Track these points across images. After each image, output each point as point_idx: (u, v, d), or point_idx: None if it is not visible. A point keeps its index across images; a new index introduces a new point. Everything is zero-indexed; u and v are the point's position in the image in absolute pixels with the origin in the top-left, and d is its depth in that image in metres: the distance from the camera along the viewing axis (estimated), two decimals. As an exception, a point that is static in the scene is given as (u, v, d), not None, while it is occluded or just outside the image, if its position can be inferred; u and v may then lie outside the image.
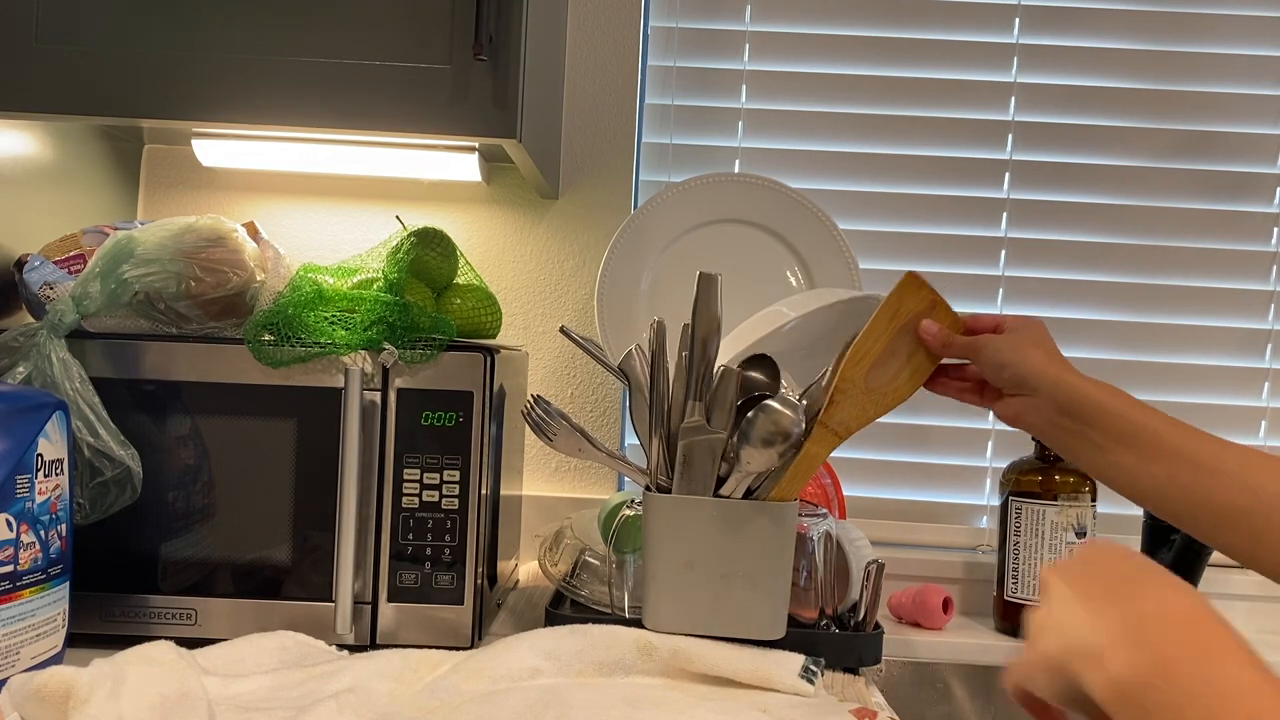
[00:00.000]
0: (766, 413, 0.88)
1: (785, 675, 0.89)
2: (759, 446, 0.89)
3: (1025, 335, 0.90)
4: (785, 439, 0.89)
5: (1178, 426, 0.84)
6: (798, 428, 0.89)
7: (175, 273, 0.99)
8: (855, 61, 1.48)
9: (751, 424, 0.89)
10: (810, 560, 1.02)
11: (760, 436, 0.89)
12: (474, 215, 1.45)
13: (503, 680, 0.86)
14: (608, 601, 1.05)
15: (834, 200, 1.46)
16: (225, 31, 1.02)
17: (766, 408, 0.88)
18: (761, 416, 0.89)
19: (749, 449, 0.90)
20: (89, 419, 0.94)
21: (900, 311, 0.92)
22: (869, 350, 0.92)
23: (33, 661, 0.83)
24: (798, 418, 0.89)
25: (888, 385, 0.93)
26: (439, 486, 0.99)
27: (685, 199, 1.29)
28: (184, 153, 1.42)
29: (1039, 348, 0.89)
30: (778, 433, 0.88)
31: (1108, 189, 1.47)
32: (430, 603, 0.99)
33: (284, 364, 0.98)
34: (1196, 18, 1.47)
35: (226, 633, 0.95)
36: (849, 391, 0.92)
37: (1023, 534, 1.28)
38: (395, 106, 1.02)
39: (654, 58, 1.49)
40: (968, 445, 1.47)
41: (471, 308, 1.12)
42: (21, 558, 0.81)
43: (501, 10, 1.02)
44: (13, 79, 1.01)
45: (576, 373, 1.45)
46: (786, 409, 0.88)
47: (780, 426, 0.88)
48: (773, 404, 0.89)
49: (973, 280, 1.47)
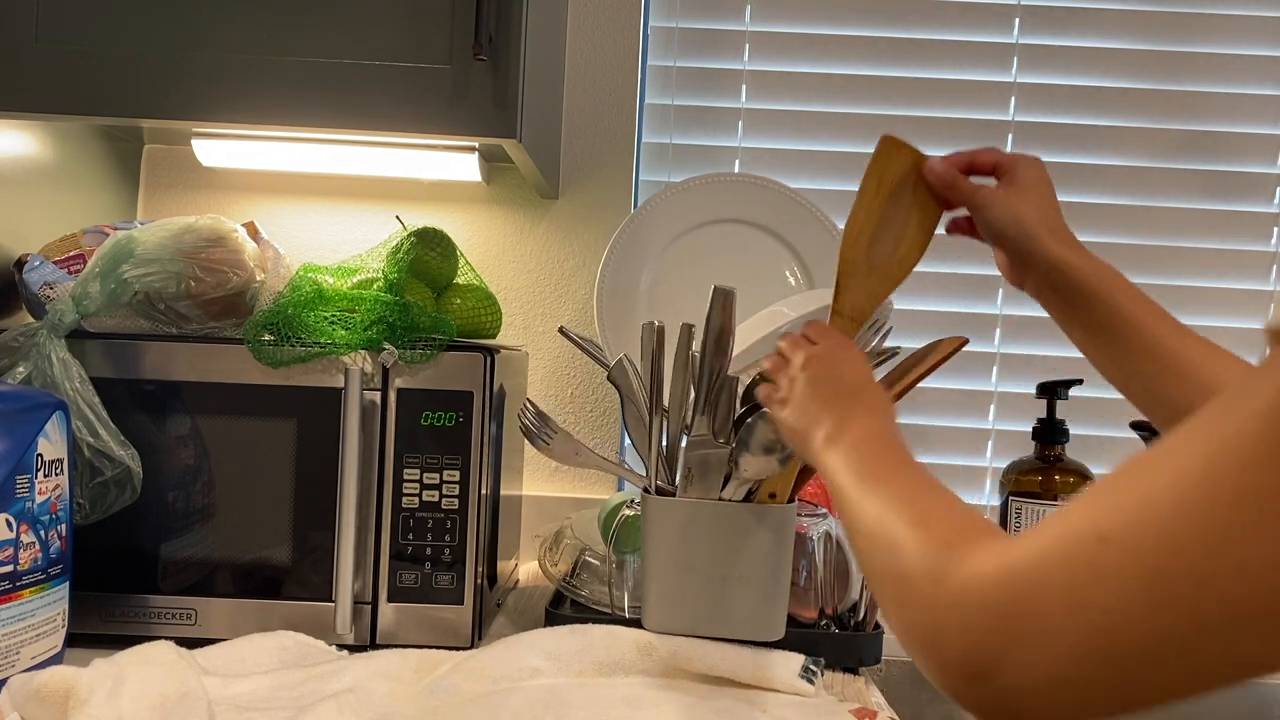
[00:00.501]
0: (766, 420, 0.89)
1: (785, 675, 0.89)
2: (758, 453, 0.90)
3: (1023, 195, 0.85)
4: (784, 446, 0.89)
5: (1162, 322, 0.81)
6: None
7: (175, 273, 0.99)
8: (855, 61, 1.48)
9: (750, 431, 0.89)
10: (810, 560, 1.02)
11: (760, 443, 0.89)
12: (474, 215, 1.45)
13: (503, 680, 0.86)
14: (608, 601, 1.05)
15: (834, 200, 1.45)
16: (225, 31, 1.02)
17: (766, 415, 0.88)
18: (760, 424, 0.89)
19: (748, 456, 0.90)
20: (89, 419, 0.94)
21: (885, 179, 0.87)
22: (863, 226, 0.87)
23: (33, 661, 0.83)
24: None
25: (892, 257, 0.88)
26: (439, 486, 0.99)
27: (685, 199, 1.29)
28: (184, 153, 1.42)
29: (1038, 210, 0.84)
30: (777, 440, 0.89)
31: (1107, 189, 1.47)
32: (430, 603, 0.99)
33: (284, 364, 0.98)
34: (1196, 18, 1.47)
35: (226, 633, 0.95)
36: (854, 274, 0.87)
37: (1022, 534, 1.28)
38: (395, 106, 1.02)
39: (654, 58, 1.49)
40: (968, 445, 1.47)
41: (471, 308, 1.12)
42: (21, 558, 0.81)
43: (501, 10, 1.02)
44: (13, 79, 1.01)
45: (576, 373, 1.45)
46: None
47: (779, 433, 0.88)
48: None
49: (973, 280, 1.47)
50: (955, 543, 0.48)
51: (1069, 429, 1.29)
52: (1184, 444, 0.41)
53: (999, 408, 1.47)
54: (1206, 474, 0.40)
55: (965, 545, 0.47)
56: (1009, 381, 1.46)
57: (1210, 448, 0.40)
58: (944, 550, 0.49)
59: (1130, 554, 0.41)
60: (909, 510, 0.55)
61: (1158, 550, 0.40)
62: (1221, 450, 0.40)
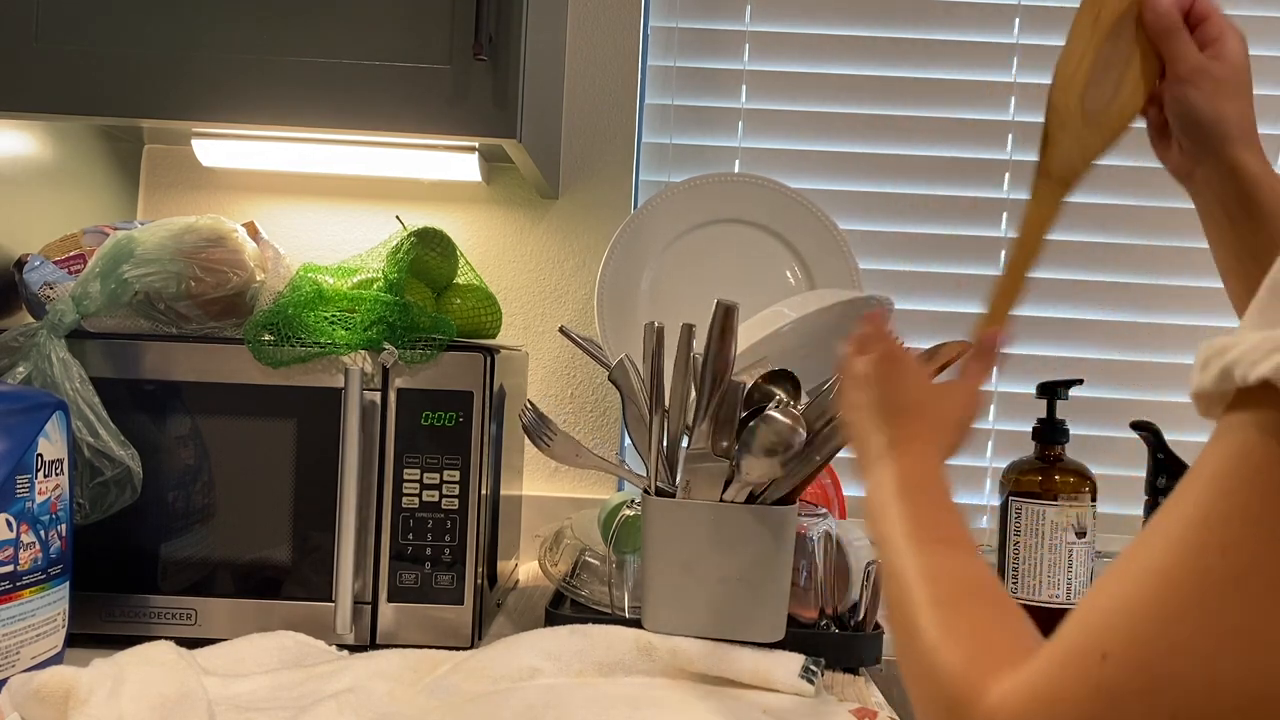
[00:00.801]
0: (768, 423, 0.88)
1: (785, 675, 0.89)
2: (760, 456, 0.89)
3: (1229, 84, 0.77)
4: (786, 449, 0.88)
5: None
6: (798, 437, 0.88)
7: (175, 273, 0.99)
8: (855, 61, 1.48)
9: (753, 434, 0.89)
10: (810, 560, 1.02)
11: (762, 446, 0.89)
12: (474, 215, 1.45)
13: (503, 680, 0.86)
14: (608, 602, 1.05)
15: (834, 200, 1.46)
16: (225, 31, 1.02)
17: (768, 418, 0.88)
18: (763, 427, 0.88)
19: (750, 458, 0.90)
20: (89, 419, 0.94)
21: (1104, 14, 0.77)
22: (1077, 69, 0.78)
23: (33, 661, 0.83)
24: (798, 427, 0.88)
25: (1111, 105, 0.78)
26: (439, 486, 0.99)
27: (685, 199, 1.29)
28: (184, 153, 1.42)
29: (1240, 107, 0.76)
30: (779, 443, 0.88)
31: (1107, 189, 1.47)
32: (430, 603, 0.98)
33: (284, 364, 0.98)
34: (1196, 18, 1.47)
35: (226, 633, 0.95)
36: (1066, 123, 0.79)
37: (1023, 534, 1.28)
38: (395, 106, 1.02)
39: (654, 58, 1.49)
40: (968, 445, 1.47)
41: (471, 308, 1.12)
42: (21, 558, 0.81)
43: (501, 10, 1.02)
44: (13, 79, 1.01)
45: (576, 373, 1.45)
46: (787, 419, 0.88)
47: (781, 437, 0.88)
48: (773, 414, 0.88)
49: (973, 280, 1.47)
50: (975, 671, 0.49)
51: (1069, 429, 1.29)
52: (1162, 539, 0.41)
53: (999, 408, 1.47)
54: (1192, 569, 0.39)
55: (986, 676, 0.47)
56: (1009, 381, 1.46)
57: (1188, 536, 0.39)
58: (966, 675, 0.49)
59: (1134, 667, 0.40)
60: (935, 588, 0.57)
61: (1159, 658, 0.39)
62: (1199, 540, 0.39)
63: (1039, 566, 1.27)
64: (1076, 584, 1.27)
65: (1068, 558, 1.26)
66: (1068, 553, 1.27)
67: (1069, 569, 1.26)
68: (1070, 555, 1.27)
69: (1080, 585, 1.27)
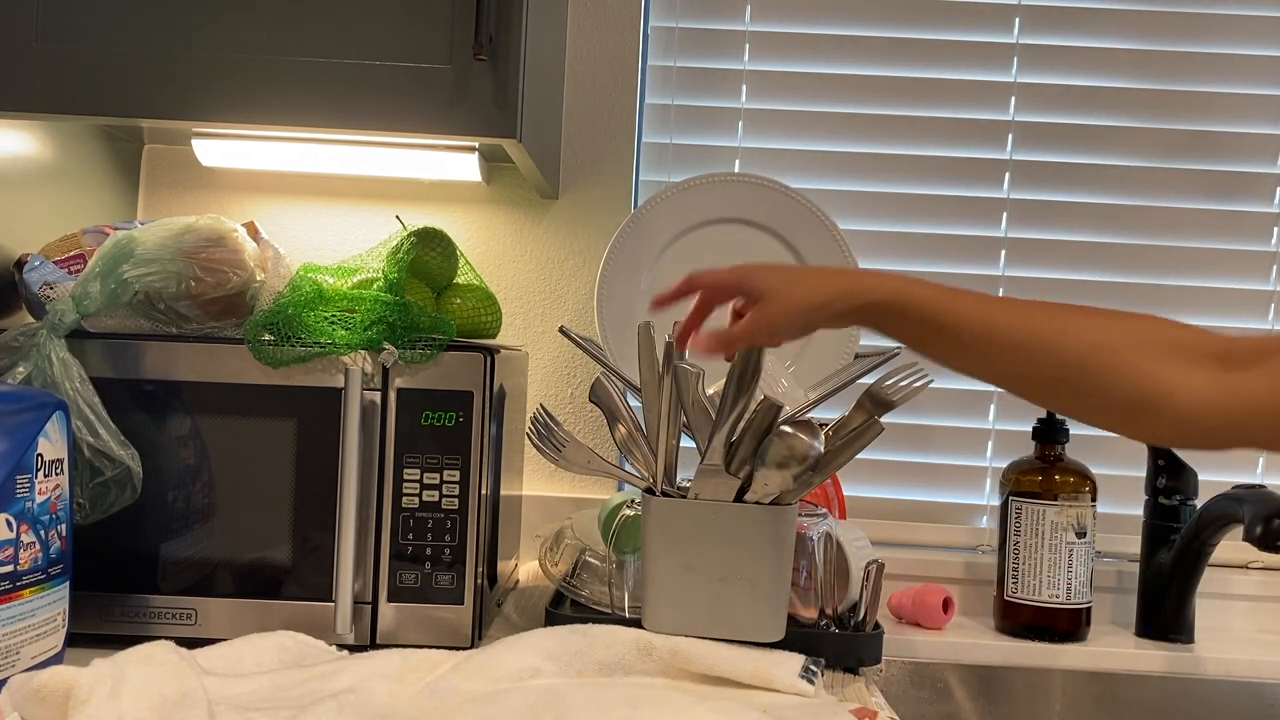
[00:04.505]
0: (782, 438, 0.91)
1: (785, 675, 0.89)
2: (774, 469, 0.92)
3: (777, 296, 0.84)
4: (801, 462, 0.91)
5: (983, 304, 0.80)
6: (815, 451, 0.91)
7: (175, 273, 0.99)
8: (855, 61, 1.48)
9: (767, 448, 0.91)
10: (810, 560, 1.02)
11: (775, 460, 0.91)
12: (474, 215, 1.45)
13: (503, 680, 0.86)
14: (608, 602, 1.06)
15: (834, 200, 1.46)
16: (225, 31, 1.02)
17: (782, 433, 0.91)
18: (776, 441, 0.91)
19: (764, 471, 0.92)
20: (89, 419, 0.94)
21: None
22: None
23: (33, 661, 0.83)
24: (815, 441, 0.91)
25: None
26: (439, 486, 0.99)
27: (685, 199, 1.29)
28: (184, 153, 1.42)
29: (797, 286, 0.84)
30: (792, 457, 0.91)
31: (1108, 189, 1.47)
32: (430, 603, 0.99)
33: (284, 364, 0.98)
34: (1196, 18, 1.47)
35: (226, 633, 0.95)
36: None
37: (1023, 534, 1.28)
38: (395, 106, 1.02)
39: (654, 58, 1.49)
40: (968, 445, 1.47)
41: (471, 308, 1.12)
42: (21, 558, 0.81)
43: (501, 10, 1.02)
44: (13, 79, 1.01)
45: (576, 373, 1.45)
46: (802, 433, 0.91)
47: (795, 451, 0.91)
48: (787, 429, 0.91)
49: (973, 280, 1.47)
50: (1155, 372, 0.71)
51: (1069, 429, 1.29)
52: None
53: (999, 408, 1.47)
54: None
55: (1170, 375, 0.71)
56: (1009, 381, 1.46)
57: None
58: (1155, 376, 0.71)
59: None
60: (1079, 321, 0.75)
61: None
62: None
63: (1039, 566, 1.27)
64: (1076, 584, 1.27)
65: (1068, 557, 1.26)
66: (1068, 552, 1.27)
67: (1069, 569, 1.26)
68: (1070, 555, 1.27)
69: (1080, 585, 1.27)
